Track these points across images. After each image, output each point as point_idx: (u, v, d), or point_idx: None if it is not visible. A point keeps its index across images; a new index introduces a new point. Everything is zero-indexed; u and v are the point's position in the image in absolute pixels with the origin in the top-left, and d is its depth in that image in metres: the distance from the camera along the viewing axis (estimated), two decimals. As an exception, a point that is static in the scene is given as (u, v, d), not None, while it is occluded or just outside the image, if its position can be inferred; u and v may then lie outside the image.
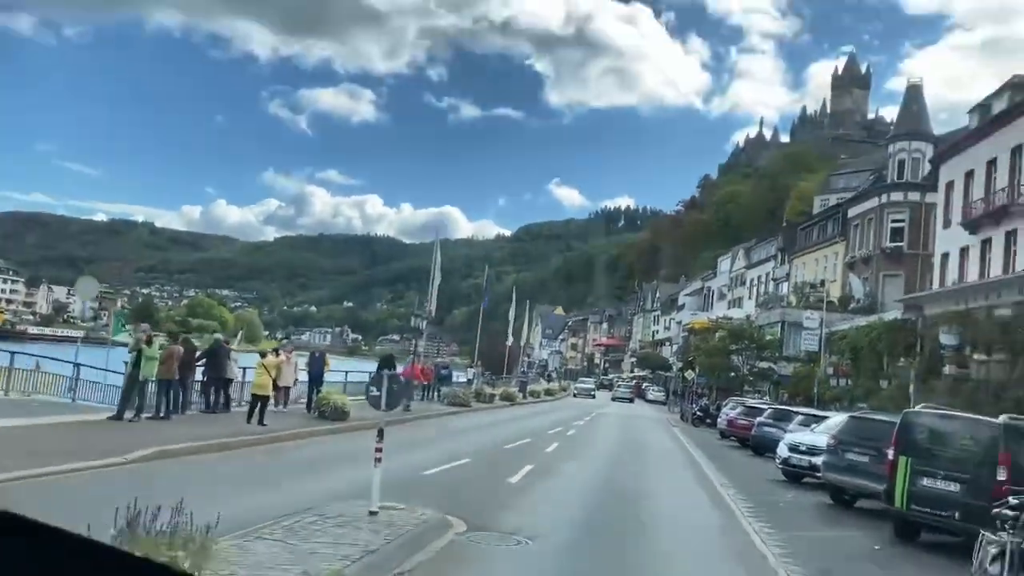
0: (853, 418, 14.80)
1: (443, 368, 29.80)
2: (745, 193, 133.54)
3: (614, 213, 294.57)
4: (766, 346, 41.06)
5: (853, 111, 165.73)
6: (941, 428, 11.21)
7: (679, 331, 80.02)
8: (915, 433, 11.28)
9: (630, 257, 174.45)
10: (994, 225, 33.17)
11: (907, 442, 11.29)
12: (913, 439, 11.24)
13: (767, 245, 65.01)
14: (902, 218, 44.79)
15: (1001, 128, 33.58)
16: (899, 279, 44.66)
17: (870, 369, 32.52)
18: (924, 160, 44.49)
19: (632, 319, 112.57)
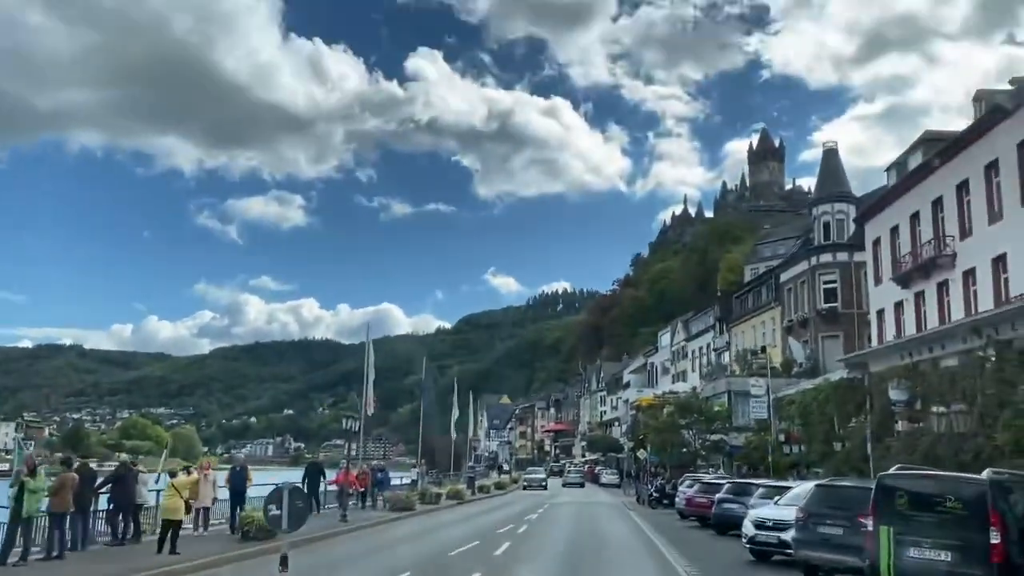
0: (820, 487, 13.67)
1: (379, 471, 27.79)
2: (676, 268, 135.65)
3: (552, 298, 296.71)
4: (715, 418, 40.15)
5: (771, 183, 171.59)
6: (921, 490, 10.13)
7: (626, 410, 78.88)
8: (894, 498, 10.18)
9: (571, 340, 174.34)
10: (924, 278, 33.31)
11: (886, 509, 10.19)
12: (893, 505, 10.13)
13: (704, 316, 65.04)
14: (833, 279, 45.10)
15: (920, 182, 34.14)
16: (838, 339, 44.63)
17: (822, 432, 31.71)
18: (848, 220, 45.19)
19: (579, 401, 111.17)
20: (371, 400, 31.42)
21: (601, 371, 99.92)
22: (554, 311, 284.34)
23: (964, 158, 30.64)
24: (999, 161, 28.36)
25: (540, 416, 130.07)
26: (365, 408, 30.92)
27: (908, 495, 10.06)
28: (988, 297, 28.20)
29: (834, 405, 29.78)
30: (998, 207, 28.48)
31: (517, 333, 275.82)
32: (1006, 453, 19.26)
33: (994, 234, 28.66)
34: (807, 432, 32.96)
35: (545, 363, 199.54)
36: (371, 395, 31.45)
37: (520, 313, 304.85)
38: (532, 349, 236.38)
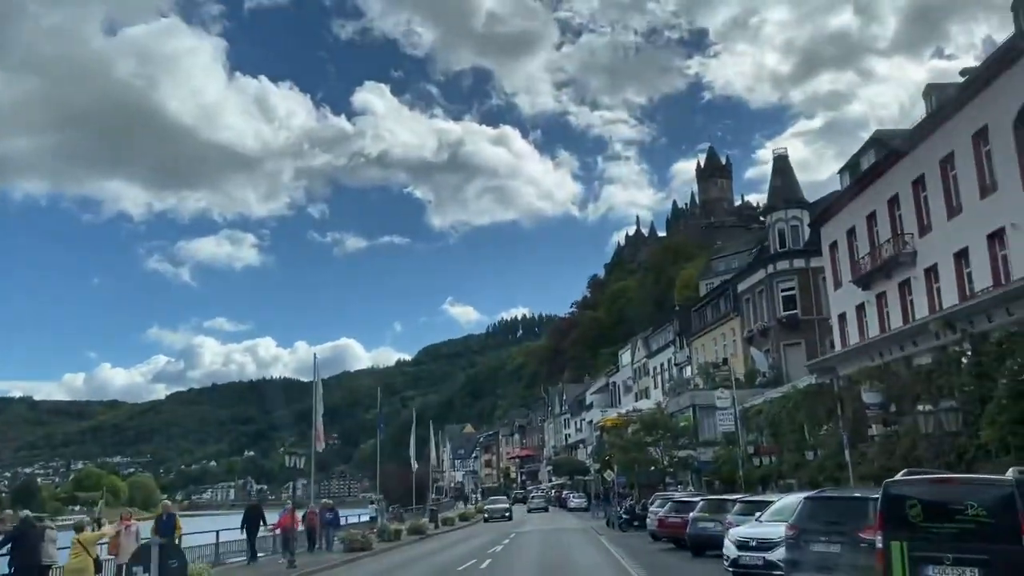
0: (811, 500, 12.14)
1: (328, 511, 25.66)
2: (633, 287, 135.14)
3: (511, 324, 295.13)
4: (681, 433, 38.73)
5: (720, 199, 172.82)
6: (937, 497, 8.63)
7: (591, 431, 77.30)
8: (905, 509, 8.68)
9: (532, 364, 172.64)
10: (885, 278, 32.46)
11: (897, 521, 8.69)
12: (904, 516, 8.64)
13: (664, 332, 63.98)
14: (791, 286, 44.25)
15: (874, 182, 33.41)
16: (800, 347, 43.71)
17: (792, 442, 30.47)
18: (803, 226, 44.49)
19: (543, 426, 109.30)
20: (320, 435, 29.50)
21: (564, 394, 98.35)
22: (514, 337, 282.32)
23: (918, 154, 29.93)
24: (954, 154, 27.63)
25: (505, 443, 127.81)
26: (315, 444, 28.96)
27: (922, 504, 8.56)
28: (952, 293, 27.31)
29: (804, 412, 28.58)
30: (956, 201, 27.71)
31: (478, 361, 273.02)
32: (992, 451, 18.09)
33: (954, 229, 27.87)
34: (777, 442, 31.72)
35: (507, 390, 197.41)
36: (320, 430, 29.56)
37: (480, 341, 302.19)
38: (494, 376, 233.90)
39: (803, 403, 28.39)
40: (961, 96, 26.91)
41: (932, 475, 9.87)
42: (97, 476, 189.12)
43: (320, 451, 29.17)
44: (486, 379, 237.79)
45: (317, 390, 29.83)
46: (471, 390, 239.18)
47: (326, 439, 32.34)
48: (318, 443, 29.09)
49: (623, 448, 40.78)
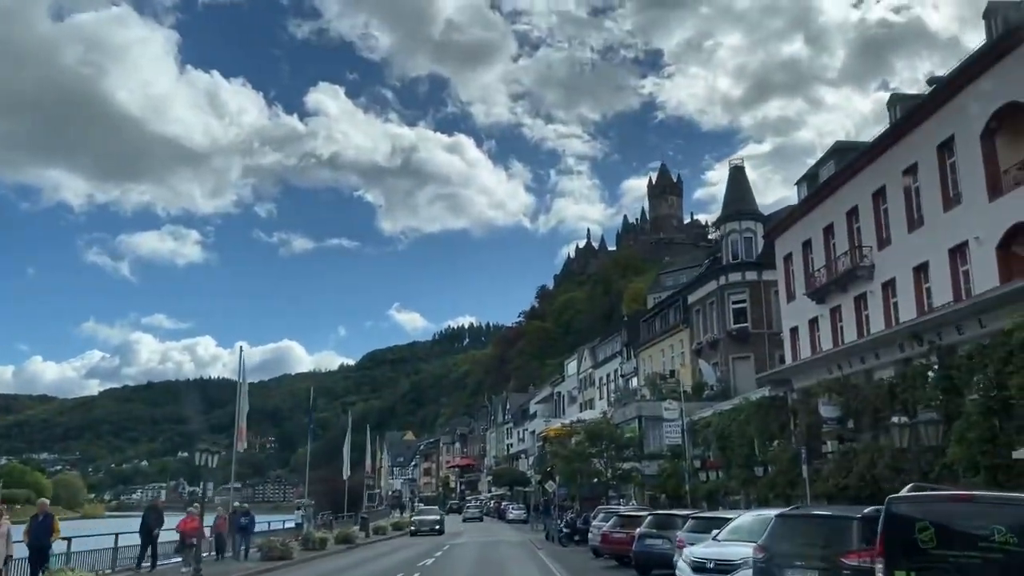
0: (784, 518, 10.53)
1: (243, 516, 23.28)
2: (581, 299, 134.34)
3: (458, 332, 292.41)
4: (626, 444, 37.23)
5: (670, 216, 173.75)
6: (953, 520, 7.08)
7: (533, 442, 75.65)
8: (913, 532, 7.11)
9: (478, 373, 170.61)
10: (841, 292, 31.51)
11: (902, 547, 7.12)
12: (912, 542, 7.06)
13: (611, 342, 62.73)
14: (743, 298, 43.28)
15: (832, 194, 32.49)
16: (749, 360, 42.69)
17: (741, 456, 29.16)
18: (756, 238, 43.60)
19: (485, 435, 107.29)
20: (243, 435, 27.35)
21: (507, 403, 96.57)
22: (460, 345, 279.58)
23: (880, 164, 29.03)
24: (918, 165, 26.73)
25: (445, 452, 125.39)
26: (236, 444, 26.79)
27: (935, 527, 7.00)
28: (910, 308, 26.36)
29: (755, 426, 27.30)
30: (918, 214, 26.80)
31: (423, 368, 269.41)
32: (959, 471, 16.86)
33: (915, 242, 26.95)
34: (725, 457, 30.43)
35: (451, 398, 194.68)
36: (243, 429, 27.43)
37: (426, 348, 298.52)
38: (438, 384, 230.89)
39: (755, 416, 27.12)
40: (927, 106, 26.04)
41: (947, 491, 8.36)
42: (20, 472, 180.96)
43: (241, 451, 27.02)
44: (430, 386, 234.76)
45: (242, 388, 27.81)
46: (414, 397, 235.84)
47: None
48: (240, 443, 26.93)
49: (566, 458, 39.10)
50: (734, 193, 44.48)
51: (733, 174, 45.12)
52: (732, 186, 44.79)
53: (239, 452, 26.69)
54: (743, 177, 45.30)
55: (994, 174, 22.98)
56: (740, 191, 44.55)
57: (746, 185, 45.35)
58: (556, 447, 42.69)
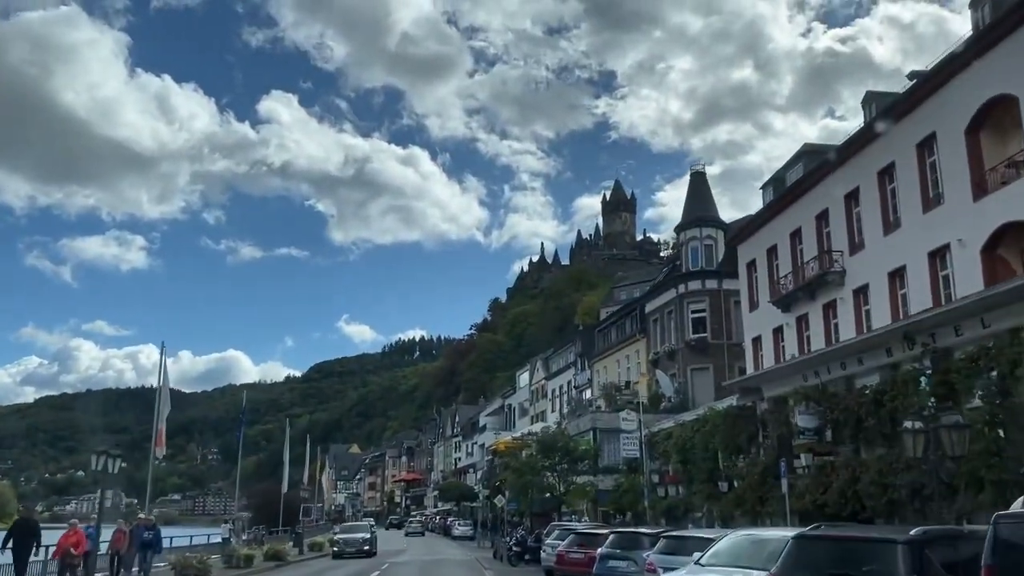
0: (805, 540, 8.32)
1: (146, 530, 20.27)
2: (534, 312, 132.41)
3: (408, 345, 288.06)
4: (581, 457, 34.97)
5: (623, 233, 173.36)
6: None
7: (483, 455, 73.06)
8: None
9: (427, 386, 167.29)
10: (808, 299, 29.86)
11: None
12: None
13: (565, 352, 60.65)
14: (702, 307, 41.54)
15: (801, 197, 30.89)
16: (707, 371, 40.96)
17: (705, 471, 27.15)
18: (717, 246, 41.98)
19: (432, 449, 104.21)
20: (162, 441, 24.48)
21: (457, 415, 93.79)
22: (410, 358, 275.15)
23: (853, 165, 27.46)
24: (895, 165, 25.17)
25: (392, 465, 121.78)
26: (154, 451, 23.90)
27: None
28: (884, 315, 24.72)
29: (720, 438, 25.31)
30: (895, 216, 25.23)
31: (371, 381, 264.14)
32: (959, 488, 14.98)
33: (891, 246, 25.36)
34: (687, 471, 28.40)
35: (400, 411, 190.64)
36: (162, 435, 24.56)
37: (375, 361, 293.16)
38: (386, 397, 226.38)
39: (721, 427, 25.11)
40: (906, 102, 24.50)
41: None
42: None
43: (159, 458, 24.14)
44: (378, 399, 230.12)
45: (162, 391, 24.97)
46: (362, 410, 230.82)
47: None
48: (158, 448, 24.04)
49: (517, 471, 36.64)
50: (695, 200, 42.83)
51: (694, 180, 43.50)
52: (693, 193, 43.14)
53: (158, 460, 23.77)
54: (704, 183, 43.70)
55: (979, 172, 21.43)
56: (701, 198, 42.92)
57: (707, 192, 43.76)
58: (508, 459, 40.23)
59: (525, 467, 35.88)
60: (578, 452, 34.62)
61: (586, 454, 34.69)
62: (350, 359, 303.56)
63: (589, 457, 34.60)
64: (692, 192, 43.23)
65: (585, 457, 34.65)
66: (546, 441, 35.17)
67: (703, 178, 43.68)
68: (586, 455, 34.65)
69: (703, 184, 43.60)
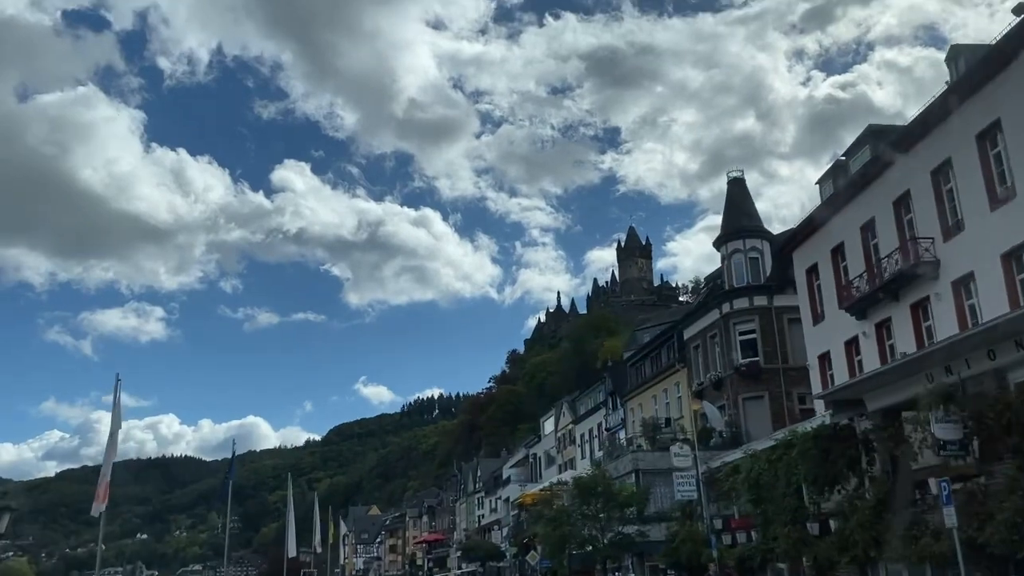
0: None
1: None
2: (554, 361, 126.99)
3: (427, 403, 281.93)
4: (626, 502, 29.34)
5: (640, 279, 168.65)
6: None
7: (508, 510, 67.02)
8: None
9: (447, 443, 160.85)
10: (891, 300, 24.78)
11: None
12: None
13: (594, 393, 55.18)
14: (751, 328, 36.25)
15: (872, 183, 26.06)
16: (762, 400, 35.52)
17: (787, 510, 21.70)
18: (764, 259, 36.93)
19: (454, 506, 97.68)
20: (105, 492, 19.81)
21: (478, 470, 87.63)
22: (430, 417, 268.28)
23: (941, 134, 22.64)
24: (1001, 124, 20.42)
25: (412, 526, 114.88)
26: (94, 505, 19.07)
27: None
28: (997, 306, 19.66)
29: (809, 467, 19.99)
30: (1009, 182, 20.35)
31: (391, 442, 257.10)
32: None
33: (1001, 221, 20.43)
34: (763, 512, 22.96)
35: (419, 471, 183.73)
36: (107, 483, 19.89)
37: (394, 421, 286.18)
38: (407, 457, 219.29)
39: (810, 453, 19.78)
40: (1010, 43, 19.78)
41: None
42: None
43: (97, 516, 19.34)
44: (398, 460, 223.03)
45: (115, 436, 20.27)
46: (381, 471, 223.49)
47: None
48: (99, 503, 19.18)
49: (552, 521, 31.01)
50: (734, 209, 37.94)
51: (732, 189, 38.65)
52: (732, 202, 38.28)
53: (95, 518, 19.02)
54: (743, 191, 38.84)
55: None
56: (741, 207, 38.04)
57: (748, 200, 38.88)
58: (541, 507, 34.51)
59: (561, 516, 30.30)
60: (622, 497, 29.06)
61: (632, 499, 29.12)
62: (369, 420, 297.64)
63: (635, 502, 29.04)
64: (731, 201, 38.37)
65: (631, 503, 29.08)
66: (584, 485, 29.63)
67: (742, 185, 38.83)
68: (632, 500, 29.08)
69: (742, 192, 38.75)
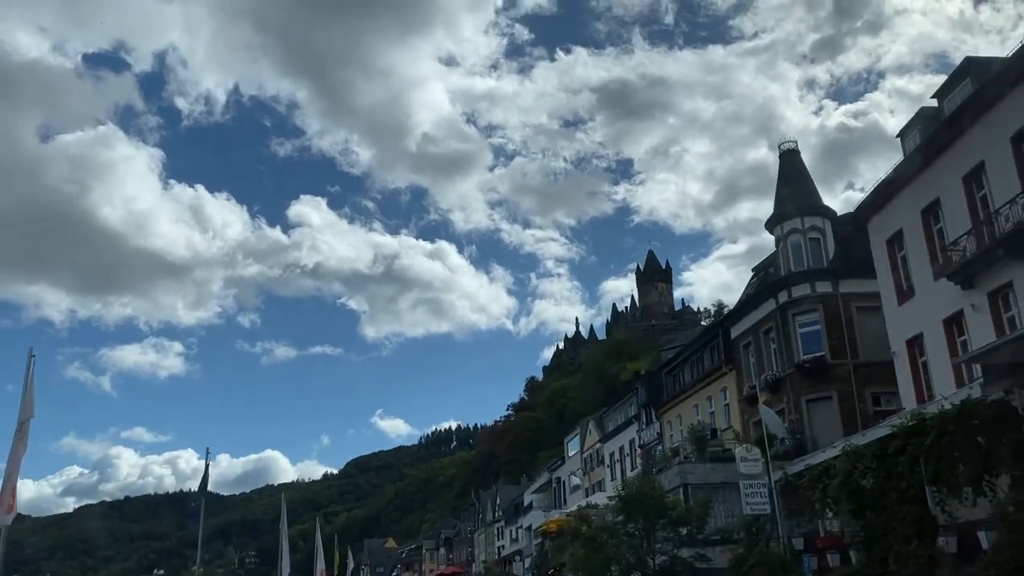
0: None
1: None
2: (574, 386, 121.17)
3: (445, 435, 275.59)
4: (682, 519, 23.75)
5: (660, 303, 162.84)
6: None
7: (530, 539, 61.19)
8: None
9: (465, 473, 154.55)
10: (1011, 260, 19.53)
11: None
12: None
13: (624, 406, 49.62)
14: (814, 319, 30.85)
15: (978, 121, 21.01)
16: (829, 402, 29.99)
17: (907, 521, 16.26)
18: (826, 240, 31.70)
19: (472, 537, 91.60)
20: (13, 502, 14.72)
21: (497, 497, 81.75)
22: (448, 448, 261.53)
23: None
24: None
25: (429, 559, 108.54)
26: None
27: None
28: None
29: (943, 461, 14.65)
30: None
31: (408, 474, 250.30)
32: None
33: None
34: (867, 526, 17.55)
35: (438, 502, 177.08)
36: (15, 488, 14.78)
37: (412, 453, 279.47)
38: (425, 490, 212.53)
39: (952, 437, 14.44)
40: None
41: None
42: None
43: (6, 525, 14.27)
44: (416, 492, 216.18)
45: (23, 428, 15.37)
46: (399, 504, 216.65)
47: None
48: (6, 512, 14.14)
49: (591, 541, 25.30)
50: (789, 184, 32.74)
51: (785, 161, 33.46)
52: (785, 176, 33.10)
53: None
54: (798, 164, 33.65)
55: None
56: (797, 181, 32.86)
57: (804, 172, 33.67)
58: (577, 524, 28.78)
59: (604, 534, 24.65)
60: (676, 513, 23.52)
61: (687, 515, 23.56)
62: (387, 452, 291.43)
63: (694, 518, 23.49)
64: (784, 176, 33.16)
65: (688, 519, 23.53)
66: (631, 498, 24.08)
67: (796, 158, 33.62)
68: (687, 517, 23.52)
69: (797, 165, 33.56)
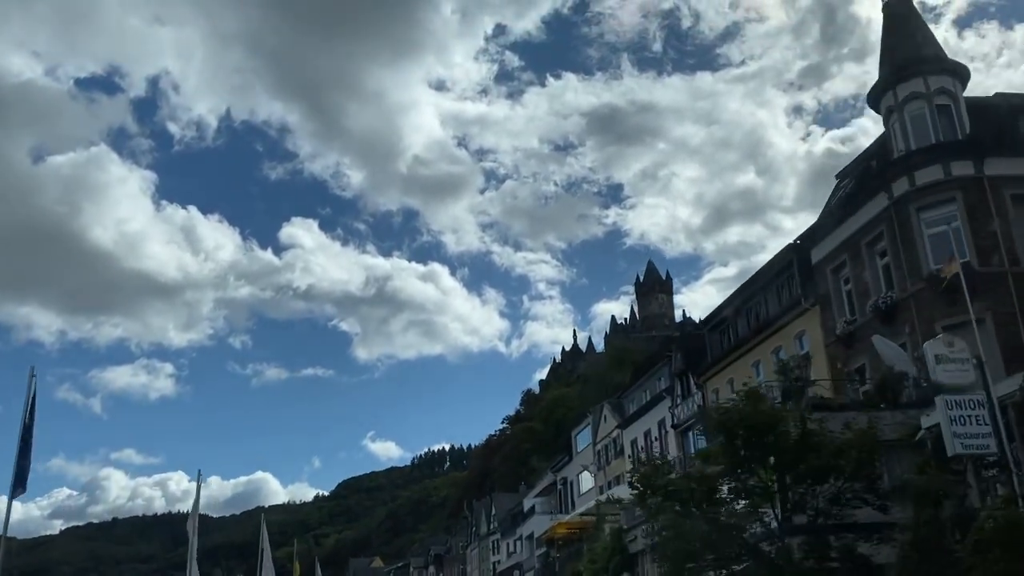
0: None
1: None
2: (573, 396, 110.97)
3: (437, 456, 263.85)
4: (841, 452, 13.54)
5: (660, 315, 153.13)
6: None
7: (532, 549, 50.79)
8: None
9: (457, 492, 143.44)
10: None
11: None
12: None
13: (651, 381, 39.56)
14: (951, 212, 21.20)
15: None
16: (983, 326, 20.09)
17: None
18: (958, 107, 22.20)
19: (464, 553, 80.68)
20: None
21: (492, 508, 71.16)
22: (440, 469, 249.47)
23: None
24: None
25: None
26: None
27: None
28: None
29: None
30: None
31: (400, 496, 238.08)
32: None
33: None
34: None
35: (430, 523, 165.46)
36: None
37: (404, 474, 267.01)
38: (417, 511, 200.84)
39: None
40: None
41: None
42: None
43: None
44: (407, 513, 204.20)
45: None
46: (390, 525, 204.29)
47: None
48: None
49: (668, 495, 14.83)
50: (899, 39, 23.25)
51: (891, 10, 23.96)
52: (893, 27, 23.46)
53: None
54: (911, 12, 24.14)
55: None
56: (910, 35, 23.36)
57: (920, 21, 24.16)
58: (647, 470, 18.14)
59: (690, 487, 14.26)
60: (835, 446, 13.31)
61: (851, 448, 13.45)
62: (379, 474, 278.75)
63: (863, 454, 13.40)
64: (891, 28, 23.53)
65: (848, 454, 13.37)
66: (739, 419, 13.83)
67: (908, 5, 24.18)
68: (850, 450, 13.37)
69: (910, 12, 24.03)
